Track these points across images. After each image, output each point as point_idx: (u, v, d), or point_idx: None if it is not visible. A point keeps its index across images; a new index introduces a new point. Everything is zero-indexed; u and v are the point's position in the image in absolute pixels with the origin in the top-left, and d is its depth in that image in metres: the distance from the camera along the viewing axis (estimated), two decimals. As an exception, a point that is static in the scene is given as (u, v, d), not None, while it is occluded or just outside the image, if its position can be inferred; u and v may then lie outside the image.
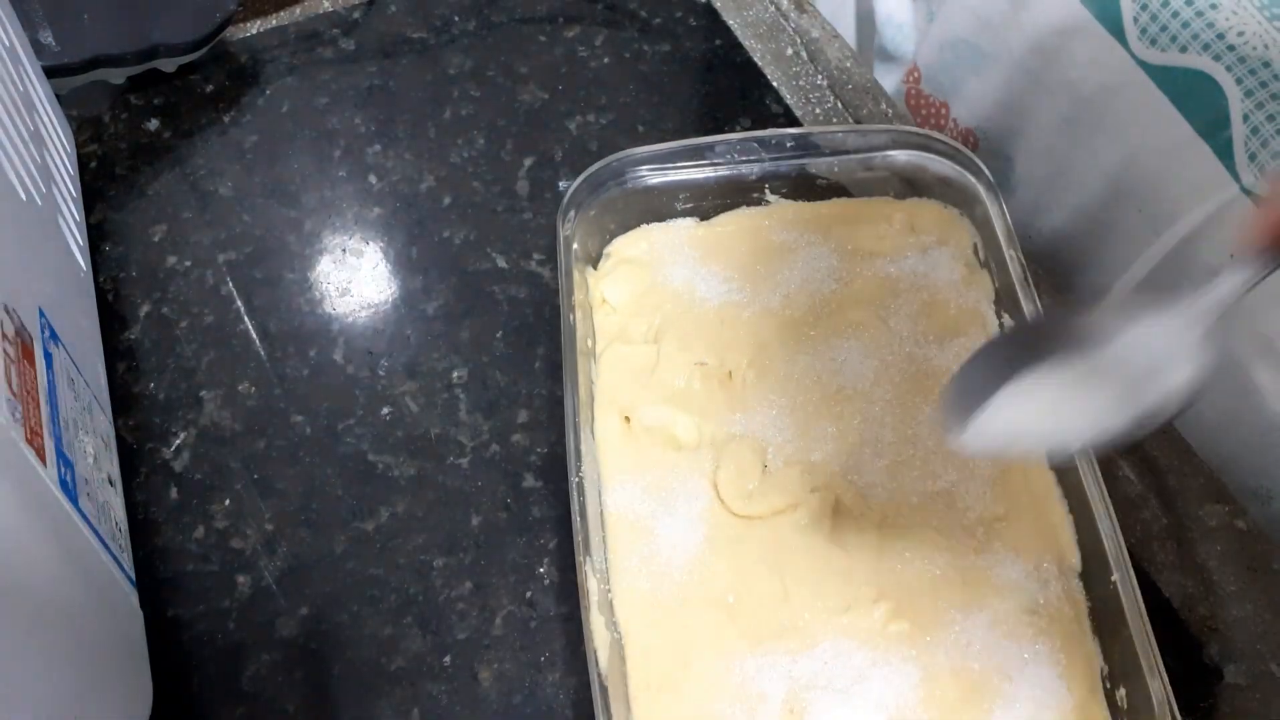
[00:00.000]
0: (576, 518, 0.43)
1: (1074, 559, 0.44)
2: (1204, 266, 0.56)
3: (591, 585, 0.42)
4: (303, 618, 0.47)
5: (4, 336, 0.35)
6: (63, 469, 0.38)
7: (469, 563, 0.48)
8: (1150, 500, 0.50)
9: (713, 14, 0.68)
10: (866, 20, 0.81)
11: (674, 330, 0.50)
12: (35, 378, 0.38)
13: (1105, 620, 0.43)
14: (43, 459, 0.36)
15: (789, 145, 0.54)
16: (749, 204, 0.55)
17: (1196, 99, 0.55)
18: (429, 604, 0.47)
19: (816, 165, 0.54)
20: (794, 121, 0.62)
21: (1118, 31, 0.59)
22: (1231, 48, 0.54)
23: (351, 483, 0.50)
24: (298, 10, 0.68)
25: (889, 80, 0.78)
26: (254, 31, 0.67)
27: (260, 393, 0.53)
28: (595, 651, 0.41)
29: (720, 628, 0.43)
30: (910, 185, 0.54)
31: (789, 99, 0.64)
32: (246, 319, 0.55)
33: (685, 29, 0.67)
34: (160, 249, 0.58)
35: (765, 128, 0.56)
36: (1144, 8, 0.57)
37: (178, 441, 0.51)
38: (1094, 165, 0.62)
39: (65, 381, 0.42)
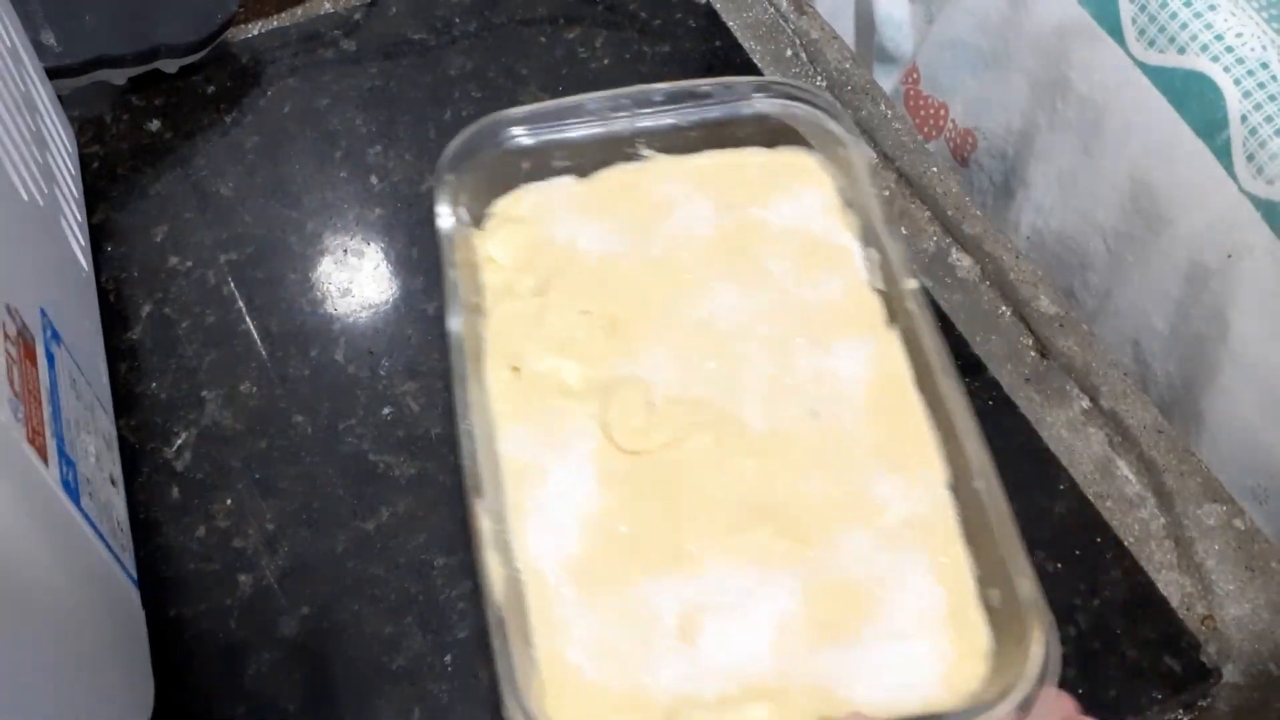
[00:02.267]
0: (467, 462, 0.44)
1: (944, 472, 0.46)
2: (1201, 268, 0.56)
3: (484, 524, 0.42)
4: (304, 617, 0.47)
5: (6, 337, 0.36)
6: (65, 469, 0.38)
7: (469, 562, 0.48)
8: (1148, 499, 0.50)
9: (712, 15, 0.68)
10: (865, 21, 0.81)
11: (558, 283, 0.51)
12: (37, 378, 0.38)
13: (975, 528, 0.44)
14: (45, 459, 0.36)
15: (657, 100, 0.55)
16: (624, 159, 0.56)
17: (1195, 100, 0.55)
18: (430, 603, 0.47)
19: (687, 118, 0.55)
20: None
21: (1116, 33, 0.59)
22: (1230, 49, 0.54)
23: (352, 482, 0.50)
24: (299, 11, 0.68)
25: (888, 81, 0.78)
26: (255, 33, 0.67)
27: (262, 393, 0.53)
28: (491, 586, 0.41)
29: (615, 558, 0.44)
30: (778, 134, 0.56)
31: (788, 100, 0.64)
32: (248, 319, 0.55)
33: (685, 30, 0.67)
34: (162, 249, 0.58)
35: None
36: (1142, 9, 0.57)
37: (179, 441, 0.51)
38: (1093, 166, 0.62)
39: (67, 381, 0.42)
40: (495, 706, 0.45)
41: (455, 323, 0.47)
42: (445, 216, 0.51)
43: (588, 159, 0.55)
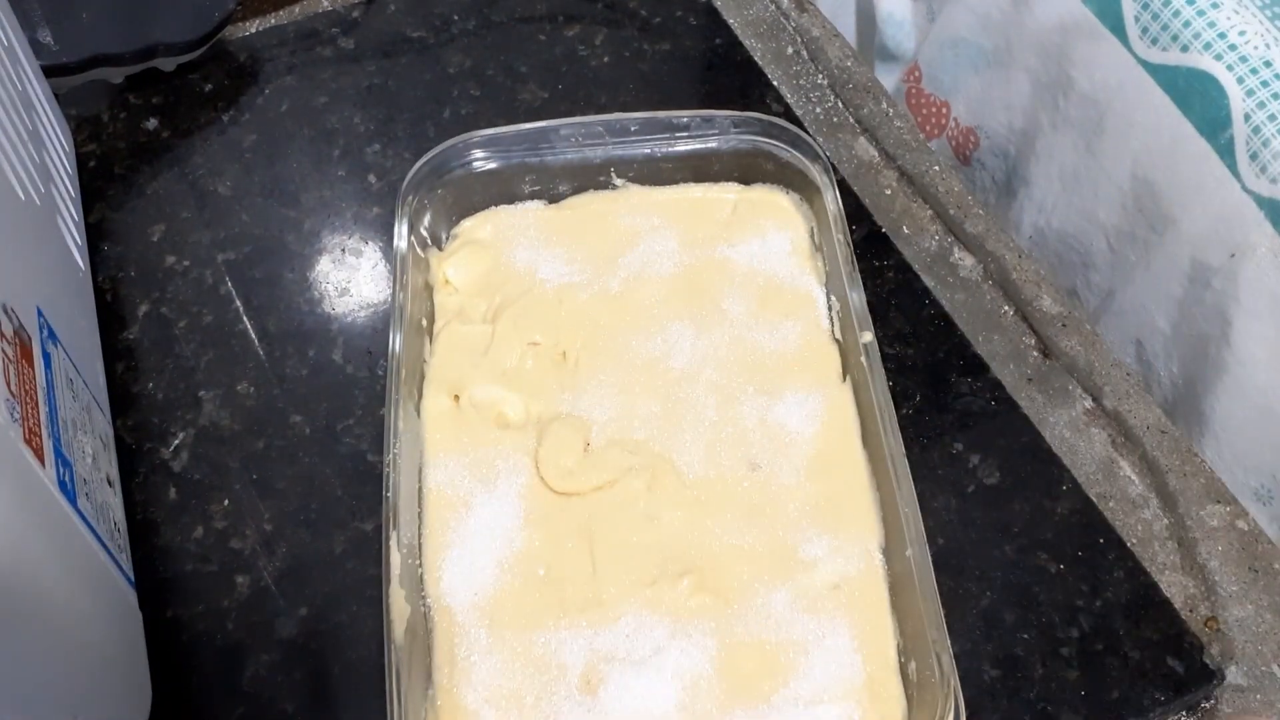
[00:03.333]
0: (387, 493, 0.43)
1: (879, 536, 0.45)
2: (1204, 267, 0.56)
3: (395, 559, 0.42)
4: (302, 618, 0.47)
5: (2, 336, 0.35)
6: (61, 469, 0.38)
7: (469, 563, 0.48)
8: (1151, 500, 0.50)
9: (713, 13, 0.68)
10: (867, 19, 0.81)
11: (511, 310, 0.51)
12: (34, 378, 0.38)
13: (902, 596, 0.43)
14: (41, 460, 0.36)
15: (633, 130, 0.54)
16: (596, 187, 0.55)
17: (1198, 98, 0.55)
18: (429, 604, 0.47)
19: (662, 149, 0.55)
20: (795, 120, 0.62)
21: (1119, 31, 0.59)
22: (1233, 47, 0.54)
23: (350, 483, 0.50)
24: (297, 9, 0.68)
25: (889, 79, 0.78)
26: (253, 30, 0.67)
27: (259, 393, 0.53)
28: (391, 624, 0.41)
29: (528, 601, 0.43)
30: (754, 171, 0.55)
31: (789, 98, 0.64)
32: (245, 319, 0.55)
33: (685, 28, 0.67)
34: (159, 248, 0.58)
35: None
36: (1145, 7, 0.57)
37: (176, 441, 0.51)
38: (1095, 164, 0.62)
39: (64, 381, 0.42)
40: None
41: (396, 345, 0.47)
42: (401, 237, 0.50)
43: (559, 185, 0.55)
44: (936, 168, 0.61)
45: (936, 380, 0.53)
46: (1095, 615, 0.46)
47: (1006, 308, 0.56)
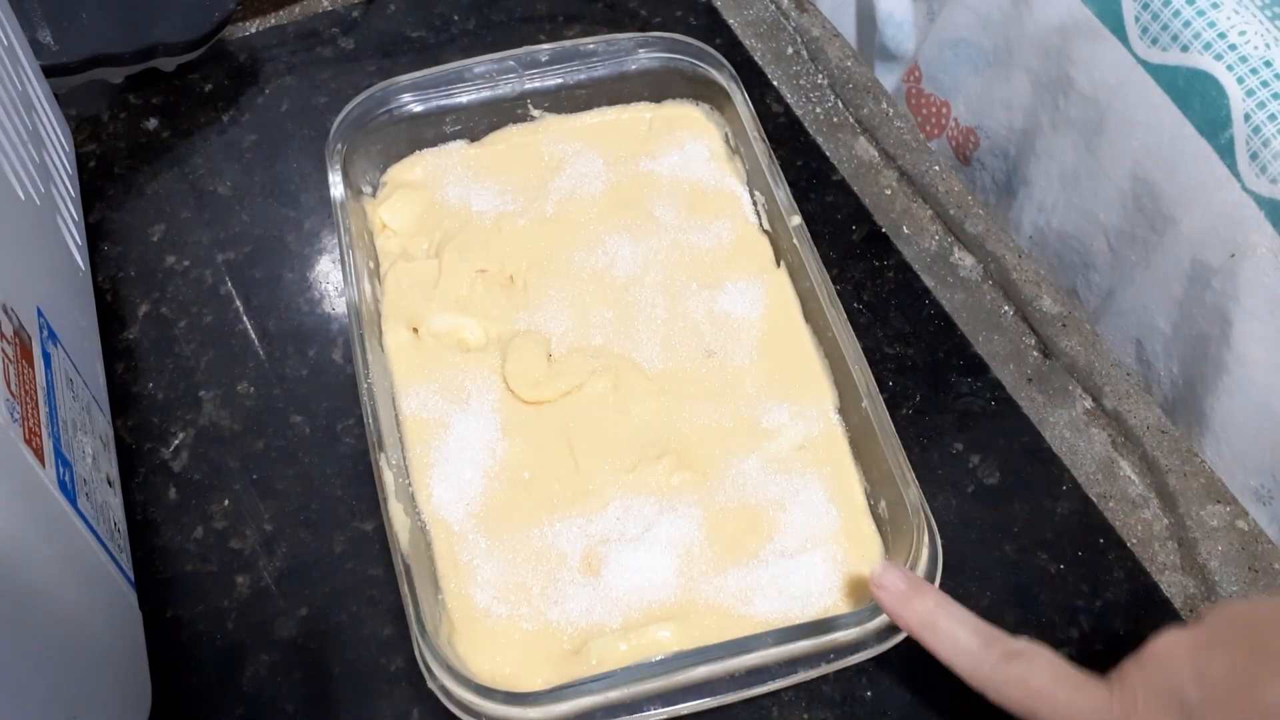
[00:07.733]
0: (369, 419, 0.45)
1: (833, 398, 0.49)
2: (1204, 267, 0.56)
3: (388, 478, 0.44)
4: (302, 618, 0.47)
5: (2, 336, 0.35)
6: (61, 470, 0.38)
7: (469, 563, 0.48)
8: (1151, 501, 0.50)
9: (713, 13, 0.68)
10: (867, 19, 0.80)
11: (454, 243, 0.53)
12: (34, 378, 0.38)
13: (863, 445, 0.47)
14: (41, 460, 0.36)
15: (544, 61, 0.56)
16: (515, 121, 0.57)
17: (1198, 98, 0.55)
18: (429, 604, 0.47)
19: (574, 77, 0.57)
20: (795, 122, 0.62)
21: (1119, 31, 0.59)
22: (1233, 47, 0.54)
23: (350, 483, 0.50)
24: (297, 9, 0.68)
25: (889, 79, 0.78)
26: (253, 30, 0.67)
27: (259, 393, 0.53)
28: (396, 535, 0.42)
29: (518, 503, 0.46)
30: (664, 87, 0.58)
31: (789, 98, 0.64)
32: (245, 319, 0.55)
33: (685, 28, 0.67)
34: (159, 248, 0.58)
35: (766, 125, 0.56)
36: (1145, 7, 0.57)
37: (176, 442, 0.51)
38: (1095, 164, 0.62)
39: (64, 382, 0.42)
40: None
41: (352, 289, 0.48)
42: (336, 185, 0.52)
43: (479, 122, 0.57)
44: (936, 168, 0.60)
45: (936, 380, 0.53)
46: (1095, 615, 0.46)
47: (1006, 308, 0.56)
